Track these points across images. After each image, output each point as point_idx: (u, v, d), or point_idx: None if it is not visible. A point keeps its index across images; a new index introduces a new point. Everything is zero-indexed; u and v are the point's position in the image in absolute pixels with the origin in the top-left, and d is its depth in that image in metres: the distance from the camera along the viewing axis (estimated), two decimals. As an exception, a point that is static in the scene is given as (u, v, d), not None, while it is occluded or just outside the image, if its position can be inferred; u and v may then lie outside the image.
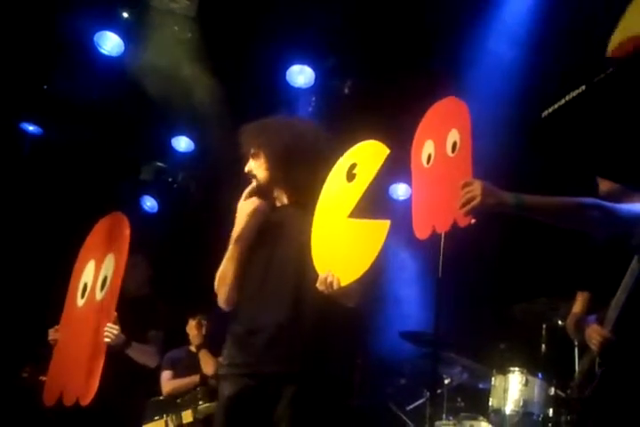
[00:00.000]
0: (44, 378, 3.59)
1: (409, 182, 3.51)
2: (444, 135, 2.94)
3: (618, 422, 2.58)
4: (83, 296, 3.54)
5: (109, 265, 3.44)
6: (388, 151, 2.97)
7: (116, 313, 3.42)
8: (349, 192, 3.02)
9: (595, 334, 2.76)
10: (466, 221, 2.68)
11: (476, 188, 2.53)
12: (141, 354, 4.48)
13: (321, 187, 3.19)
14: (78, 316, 3.57)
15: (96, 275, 3.50)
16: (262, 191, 3.33)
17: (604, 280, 2.63)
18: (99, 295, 3.43)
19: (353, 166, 3.08)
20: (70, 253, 3.78)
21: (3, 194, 6.48)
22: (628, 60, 1.23)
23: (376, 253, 2.77)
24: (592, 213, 2.57)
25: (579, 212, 2.59)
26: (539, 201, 2.58)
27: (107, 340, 3.42)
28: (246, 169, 3.33)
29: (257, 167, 3.31)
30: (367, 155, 3.06)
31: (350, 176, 3.06)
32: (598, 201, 2.62)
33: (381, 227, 2.81)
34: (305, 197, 3.22)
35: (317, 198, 3.17)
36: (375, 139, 3.15)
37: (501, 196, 2.54)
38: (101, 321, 3.43)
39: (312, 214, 3.15)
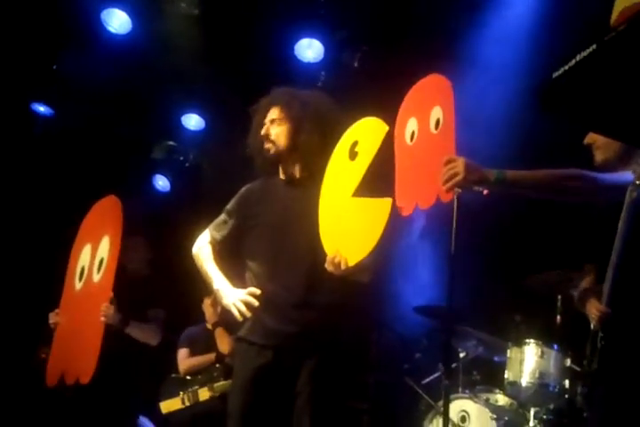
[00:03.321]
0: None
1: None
2: (427, 112, 2.92)
3: (620, 396, 2.58)
4: (80, 279, 3.59)
5: (105, 247, 3.47)
6: (387, 128, 2.96)
7: (112, 293, 3.45)
8: (352, 171, 3.01)
9: (593, 309, 2.75)
10: (448, 197, 2.69)
11: (459, 164, 2.56)
12: (141, 332, 4.52)
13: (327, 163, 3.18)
14: (77, 299, 3.62)
15: (92, 258, 3.54)
16: (275, 160, 3.31)
17: (608, 252, 2.61)
18: (95, 277, 3.47)
19: (355, 144, 3.07)
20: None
21: (14, 175, 6.50)
22: (633, 19, 1.21)
23: (381, 232, 2.77)
24: (574, 183, 2.60)
25: (560, 183, 2.60)
26: (520, 175, 2.61)
27: (102, 319, 3.45)
28: (263, 132, 3.30)
29: (279, 133, 3.28)
30: (367, 132, 3.05)
31: (352, 154, 3.05)
32: (580, 171, 2.63)
33: (384, 205, 2.81)
34: (316, 171, 3.21)
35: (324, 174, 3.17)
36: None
37: (483, 172, 2.57)
38: (99, 302, 3.47)
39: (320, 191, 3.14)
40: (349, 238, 2.94)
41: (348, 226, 2.97)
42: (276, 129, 3.29)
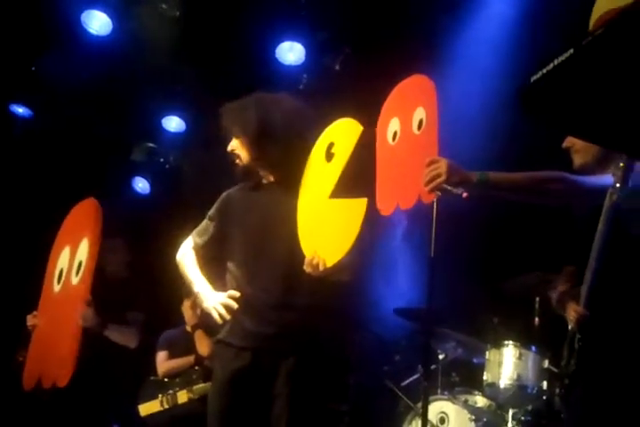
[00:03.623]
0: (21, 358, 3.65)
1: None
2: (410, 113, 2.93)
3: (597, 397, 2.60)
4: (59, 282, 3.57)
5: (84, 250, 3.47)
6: (361, 128, 2.99)
7: (91, 296, 3.44)
8: (329, 172, 3.03)
9: (571, 311, 2.77)
10: (430, 198, 2.70)
11: (441, 165, 2.57)
12: (120, 335, 4.51)
13: (304, 165, 3.20)
14: (55, 301, 3.61)
15: (71, 260, 3.53)
16: (246, 171, 3.34)
17: (586, 255, 2.63)
18: (74, 280, 3.46)
19: (331, 146, 3.09)
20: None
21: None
22: (610, 23, 1.22)
23: (357, 232, 2.79)
24: (555, 185, 2.61)
25: (541, 185, 2.62)
26: (502, 177, 2.62)
27: (80, 322, 3.44)
28: (229, 148, 3.34)
29: (239, 147, 3.32)
30: (342, 133, 3.07)
31: (329, 156, 3.08)
32: (561, 173, 2.64)
33: (359, 205, 2.83)
34: (288, 175, 3.23)
35: (301, 177, 3.18)
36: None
37: (466, 173, 2.58)
38: (77, 305, 3.45)
39: (297, 194, 3.16)
40: (327, 239, 2.96)
41: (325, 227, 2.99)
42: (237, 143, 3.32)
